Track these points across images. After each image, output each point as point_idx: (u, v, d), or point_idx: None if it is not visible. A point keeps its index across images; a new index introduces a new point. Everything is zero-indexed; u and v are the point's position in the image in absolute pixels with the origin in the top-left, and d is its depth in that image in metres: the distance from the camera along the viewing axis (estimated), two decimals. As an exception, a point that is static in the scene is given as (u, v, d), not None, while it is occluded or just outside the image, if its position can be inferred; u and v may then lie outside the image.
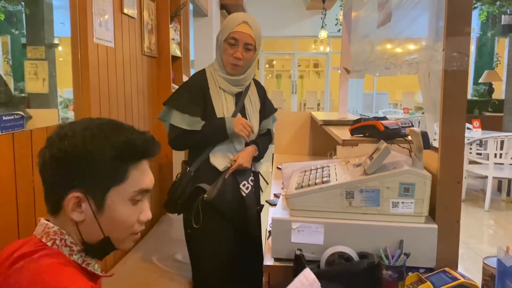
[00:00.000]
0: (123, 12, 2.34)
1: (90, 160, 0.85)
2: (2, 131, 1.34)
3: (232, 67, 1.89)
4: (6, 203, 1.39)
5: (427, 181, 1.20)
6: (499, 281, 0.96)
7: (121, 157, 0.87)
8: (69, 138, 0.86)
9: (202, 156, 1.93)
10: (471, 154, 5.19)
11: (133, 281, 1.98)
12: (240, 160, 1.91)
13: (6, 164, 1.39)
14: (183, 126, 1.86)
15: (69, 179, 0.85)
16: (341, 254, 1.20)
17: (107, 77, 2.16)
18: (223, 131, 1.87)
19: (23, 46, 7.94)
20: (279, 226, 1.27)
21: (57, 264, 0.83)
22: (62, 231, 0.88)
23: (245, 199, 1.97)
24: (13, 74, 9.54)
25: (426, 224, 1.22)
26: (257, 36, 1.89)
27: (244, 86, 1.97)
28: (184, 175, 1.94)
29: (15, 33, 9.44)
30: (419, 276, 1.18)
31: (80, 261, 0.89)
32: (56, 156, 0.85)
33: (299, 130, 3.12)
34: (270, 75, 15.18)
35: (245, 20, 1.87)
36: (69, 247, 0.88)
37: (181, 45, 3.36)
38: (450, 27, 1.14)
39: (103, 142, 0.86)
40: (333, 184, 1.26)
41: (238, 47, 1.85)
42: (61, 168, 0.85)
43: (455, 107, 1.17)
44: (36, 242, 0.87)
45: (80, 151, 0.85)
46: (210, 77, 1.93)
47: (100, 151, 0.85)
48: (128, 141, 0.88)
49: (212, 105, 1.89)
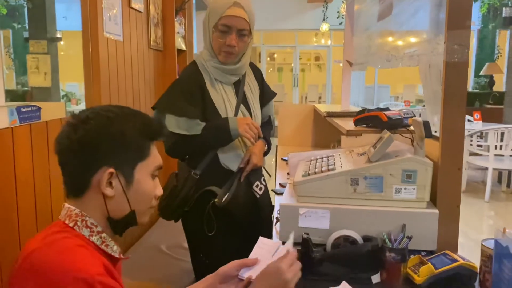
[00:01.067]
0: (131, 7, 2.39)
1: (120, 138, 0.93)
2: (20, 122, 1.40)
3: (225, 55, 1.66)
4: (25, 190, 1.45)
5: (428, 168, 1.26)
6: (496, 261, 1.02)
7: (145, 135, 0.96)
8: (94, 120, 0.92)
9: (209, 156, 1.71)
10: (472, 146, 5.24)
11: (144, 267, 2.06)
12: (254, 159, 1.73)
13: (25, 153, 1.45)
14: (180, 131, 1.63)
15: (99, 158, 0.92)
16: (346, 238, 1.26)
17: (116, 70, 2.22)
18: (226, 133, 1.64)
19: (25, 40, 7.95)
20: (287, 212, 1.33)
21: (75, 246, 0.89)
22: (83, 213, 0.94)
23: (259, 201, 1.80)
24: (15, 68, 9.60)
25: (428, 209, 1.27)
26: (251, 19, 1.67)
27: (241, 74, 1.76)
28: (188, 178, 1.69)
29: (17, 27, 9.47)
30: (420, 259, 1.23)
31: (99, 242, 0.95)
32: (84, 138, 0.91)
33: (302, 122, 3.17)
34: (271, 68, 15.22)
35: (236, 1, 1.62)
36: (90, 228, 0.94)
37: (185, 39, 3.41)
38: (451, 20, 1.19)
39: (128, 121, 0.94)
40: (338, 171, 1.31)
41: (231, 34, 1.63)
42: (91, 148, 0.91)
43: (455, 98, 1.22)
44: (60, 225, 0.94)
45: (110, 130, 0.92)
46: (204, 70, 1.70)
47: (128, 129, 0.94)
48: (146, 121, 0.97)
49: (212, 101, 1.68)
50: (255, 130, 1.68)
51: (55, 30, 7.49)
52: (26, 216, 1.46)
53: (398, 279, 1.19)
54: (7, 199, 1.37)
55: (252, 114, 1.78)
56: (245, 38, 1.67)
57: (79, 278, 0.81)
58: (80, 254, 0.87)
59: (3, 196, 1.35)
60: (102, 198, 0.94)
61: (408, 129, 1.56)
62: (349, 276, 1.20)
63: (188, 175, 1.69)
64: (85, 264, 0.85)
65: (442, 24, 1.25)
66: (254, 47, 12.87)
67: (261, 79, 1.89)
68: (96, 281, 0.82)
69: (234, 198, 1.69)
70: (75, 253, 0.87)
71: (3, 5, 8.45)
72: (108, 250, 0.96)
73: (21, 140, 1.43)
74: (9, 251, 1.36)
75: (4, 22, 9.18)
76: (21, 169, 1.43)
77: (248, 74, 1.82)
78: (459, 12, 1.19)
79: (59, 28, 7.67)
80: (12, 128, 1.39)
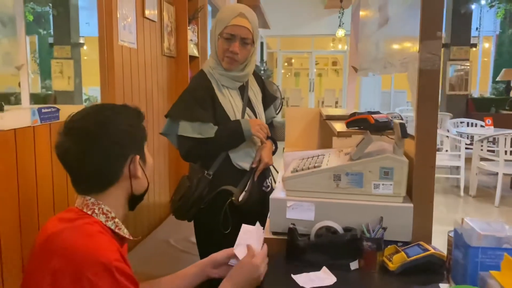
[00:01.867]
0: (145, 16, 2.57)
1: (135, 129, 1.14)
2: (41, 122, 1.58)
3: (228, 60, 1.78)
4: (44, 183, 1.63)
5: (404, 166, 1.38)
6: (454, 248, 1.13)
7: (140, 119, 1.17)
8: (111, 123, 1.10)
9: (221, 157, 1.81)
10: (482, 151, 5.27)
11: (153, 259, 2.21)
12: (265, 158, 1.84)
13: (44, 150, 1.62)
14: (195, 135, 1.73)
15: (126, 148, 1.11)
16: (328, 228, 1.39)
17: (130, 76, 2.39)
18: (239, 134, 1.76)
19: (50, 46, 8.25)
20: (277, 205, 1.46)
21: (97, 232, 1.04)
22: (99, 202, 1.10)
23: (269, 198, 1.87)
24: (40, 72, 9.95)
25: (403, 203, 1.39)
26: (254, 29, 1.79)
27: (245, 81, 1.90)
28: (201, 179, 1.78)
29: (42, 33, 9.83)
30: (396, 248, 1.35)
31: (113, 226, 1.10)
32: (111, 137, 1.09)
33: (308, 125, 3.29)
34: (288, 73, 15.36)
35: (241, 12, 1.76)
36: (105, 215, 1.10)
37: (198, 46, 3.58)
38: (423, 31, 1.32)
39: (129, 115, 1.14)
40: (323, 168, 1.45)
41: (235, 42, 1.75)
42: (119, 144, 1.09)
43: (428, 101, 1.34)
44: (77, 211, 1.09)
45: (126, 127, 1.11)
46: (211, 76, 1.83)
47: (135, 120, 1.15)
48: (138, 111, 1.18)
49: (221, 105, 1.80)
50: (265, 130, 1.82)
51: (78, 36, 7.79)
52: (44, 206, 1.63)
53: (374, 266, 1.32)
54: (28, 190, 1.54)
55: (258, 116, 1.91)
56: (248, 47, 1.79)
57: (99, 262, 0.96)
58: (102, 240, 1.03)
59: (24, 187, 1.52)
60: (129, 182, 1.13)
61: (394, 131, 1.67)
62: (330, 262, 1.33)
63: (201, 176, 1.78)
64: (105, 250, 1.00)
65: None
66: (271, 53, 13.04)
67: (262, 84, 2.02)
68: (114, 266, 0.97)
69: (248, 196, 1.80)
70: (97, 239, 1.02)
71: (30, 12, 8.80)
72: (121, 232, 1.12)
73: (42, 138, 1.60)
74: (29, 236, 1.53)
75: (30, 29, 9.54)
76: (41, 164, 1.60)
77: (251, 80, 1.95)
78: (430, 25, 1.31)
79: (82, 34, 7.96)
80: (34, 127, 1.56)
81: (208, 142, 1.75)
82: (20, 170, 1.48)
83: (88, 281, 0.95)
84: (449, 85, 8.31)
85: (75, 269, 0.96)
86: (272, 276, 1.27)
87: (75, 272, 0.96)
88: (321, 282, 1.24)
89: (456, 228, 1.12)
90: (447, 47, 8.31)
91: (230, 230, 1.73)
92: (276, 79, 11.81)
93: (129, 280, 1.00)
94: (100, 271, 0.96)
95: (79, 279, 0.95)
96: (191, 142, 1.74)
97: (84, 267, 0.96)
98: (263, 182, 1.92)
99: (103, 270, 0.96)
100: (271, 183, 1.99)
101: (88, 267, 0.96)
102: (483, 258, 1.02)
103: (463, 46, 8.17)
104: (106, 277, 0.96)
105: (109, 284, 0.96)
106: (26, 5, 8.40)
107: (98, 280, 0.95)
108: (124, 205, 1.15)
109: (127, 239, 1.14)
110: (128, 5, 2.32)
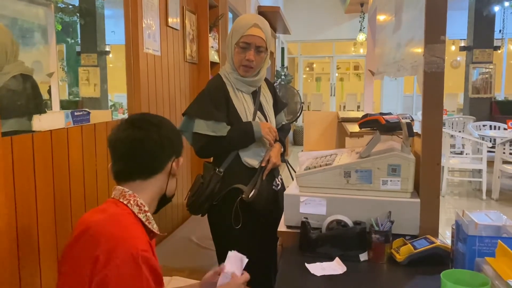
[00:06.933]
0: (168, 25, 2.71)
1: (178, 133, 1.33)
2: (74, 124, 1.72)
3: (244, 69, 1.91)
4: (76, 179, 1.77)
5: (411, 163, 1.45)
6: (456, 238, 1.20)
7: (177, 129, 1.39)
8: (166, 122, 1.31)
9: (231, 155, 1.92)
10: (505, 154, 5.23)
11: (176, 254, 2.33)
12: (274, 158, 1.94)
13: (77, 149, 1.76)
14: (209, 132, 1.85)
15: (169, 150, 1.27)
16: (339, 221, 1.47)
17: (155, 81, 2.53)
18: (250, 135, 1.87)
19: (77, 54, 8.52)
20: (291, 200, 1.56)
21: (131, 224, 1.16)
22: (135, 194, 1.21)
23: (278, 196, 2.00)
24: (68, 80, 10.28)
25: (411, 199, 1.47)
26: (268, 37, 1.92)
27: (258, 86, 2.01)
28: (213, 176, 1.90)
29: (70, 42, 10.16)
30: (403, 241, 1.43)
31: (144, 219, 1.21)
32: (166, 136, 1.26)
33: (326, 128, 3.37)
34: (310, 78, 15.41)
35: (256, 23, 1.89)
36: (139, 207, 1.21)
37: (219, 52, 3.71)
38: (428, 36, 1.40)
39: (169, 121, 1.33)
40: (334, 165, 1.53)
41: (250, 50, 1.88)
42: (172, 143, 1.28)
43: (433, 102, 1.42)
44: (113, 201, 1.21)
45: (176, 130, 1.34)
46: (227, 81, 1.95)
47: (174, 126, 1.34)
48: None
49: (235, 107, 1.91)
50: (274, 133, 1.94)
51: (104, 44, 8.03)
52: (76, 200, 1.77)
53: (382, 257, 1.39)
54: (62, 186, 1.68)
55: (268, 120, 2.01)
56: (262, 54, 1.93)
57: (129, 251, 1.07)
58: (135, 231, 1.15)
59: (59, 183, 1.66)
60: (167, 179, 1.27)
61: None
62: (341, 254, 1.41)
63: (213, 173, 1.90)
64: (136, 240, 1.11)
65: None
66: (292, 58, 13.12)
67: (273, 91, 2.14)
68: (140, 255, 1.08)
69: (258, 194, 1.88)
70: (131, 230, 1.14)
71: (58, 22, 9.12)
72: (150, 226, 1.22)
73: (74, 138, 1.74)
74: (63, 227, 1.67)
75: (59, 38, 9.86)
76: (73, 162, 1.74)
77: (263, 87, 2.07)
78: (434, 28, 1.39)
79: (108, 42, 8.21)
80: (67, 129, 1.70)
81: (221, 141, 1.86)
82: (55, 167, 1.62)
83: (115, 266, 1.05)
84: (473, 88, 8.24)
85: (108, 256, 1.06)
86: (287, 265, 1.37)
87: (107, 257, 1.06)
88: (332, 271, 1.32)
89: (457, 219, 1.19)
90: (470, 50, 8.24)
91: (240, 225, 1.86)
92: (297, 84, 11.88)
93: (153, 274, 1.10)
94: (127, 258, 1.06)
95: (108, 262, 1.05)
96: (204, 139, 1.86)
97: (113, 253, 1.06)
98: (272, 181, 2.01)
99: (129, 257, 1.06)
100: (281, 182, 2.09)
101: (119, 254, 1.06)
102: (480, 246, 1.09)
103: (486, 49, 8.09)
104: (131, 264, 1.06)
105: (131, 271, 1.06)
106: (55, 15, 8.69)
107: (124, 266, 1.05)
108: (155, 202, 1.28)
109: (156, 234, 1.24)
110: (152, 14, 2.46)
